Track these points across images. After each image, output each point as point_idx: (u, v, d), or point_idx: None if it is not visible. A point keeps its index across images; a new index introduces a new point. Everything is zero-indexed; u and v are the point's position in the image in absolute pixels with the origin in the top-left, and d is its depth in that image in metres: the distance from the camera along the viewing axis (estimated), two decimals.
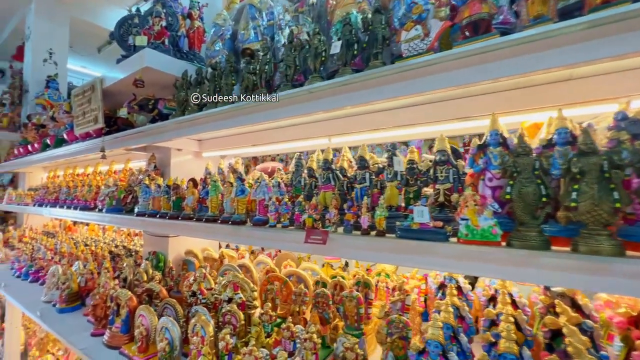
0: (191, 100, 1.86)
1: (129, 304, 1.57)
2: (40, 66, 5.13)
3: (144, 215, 2.09)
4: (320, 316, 1.42)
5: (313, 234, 1.22)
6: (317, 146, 2.00)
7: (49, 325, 1.82)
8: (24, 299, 2.32)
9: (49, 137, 3.54)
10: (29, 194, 3.93)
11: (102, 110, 2.31)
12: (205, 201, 1.79)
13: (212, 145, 2.54)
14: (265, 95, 1.50)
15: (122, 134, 2.24)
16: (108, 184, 2.69)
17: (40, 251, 2.93)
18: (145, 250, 2.62)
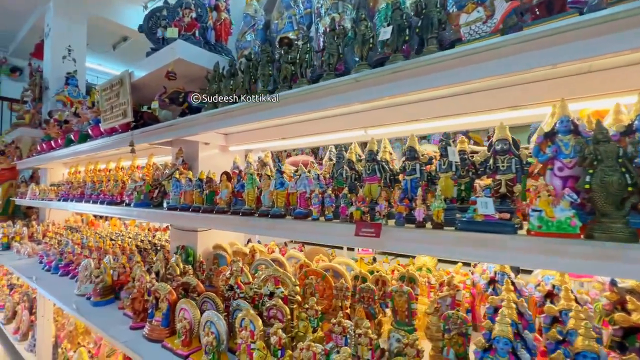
0: (224, 92, 1.83)
1: (169, 297, 1.56)
2: (60, 63, 5.18)
3: (175, 209, 2.08)
4: (366, 311, 1.39)
5: (364, 227, 1.18)
6: (350, 138, 1.96)
7: (86, 319, 1.82)
8: (57, 292, 2.34)
9: (72, 132, 3.57)
10: (52, 189, 3.98)
11: (130, 105, 2.30)
12: (241, 194, 1.76)
13: (239, 138, 2.51)
14: (307, 84, 1.47)
15: (152, 127, 2.23)
16: (134, 178, 2.70)
17: (68, 245, 2.96)
18: (172, 244, 2.62)
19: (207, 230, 2.46)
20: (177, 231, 2.55)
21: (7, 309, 3.67)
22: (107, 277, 2.05)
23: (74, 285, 2.53)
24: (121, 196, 2.79)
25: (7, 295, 4.05)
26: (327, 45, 1.42)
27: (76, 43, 5.36)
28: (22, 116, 5.06)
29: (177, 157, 2.44)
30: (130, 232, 3.84)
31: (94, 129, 3.17)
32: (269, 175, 1.64)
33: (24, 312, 3.33)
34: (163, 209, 2.29)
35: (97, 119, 3.21)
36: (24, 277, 2.77)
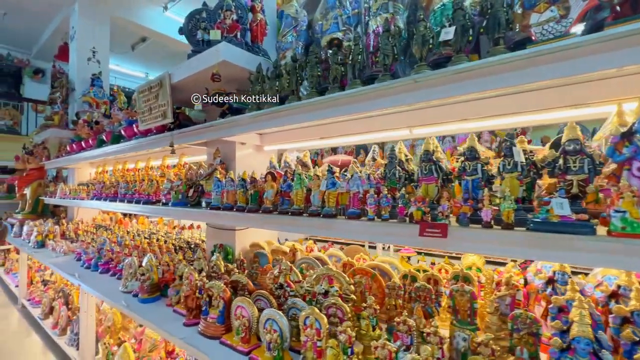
0: (269, 93, 1.86)
1: (224, 296, 1.60)
2: (85, 65, 5.29)
3: (218, 209, 2.12)
4: (424, 310, 1.40)
5: (429, 227, 1.19)
6: (392, 137, 1.97)
7: (139, 315, 1.88)
8: (102, 289, 2.41)
9: (104, 133, 3.65)
10: (83, 188, 4.09)
11: (171, 106, 2.34)
12: (288, 194, 1.79)
13: (274, 138, 2.54)
14: (361, 85, 1.48)
15: (193, 128, 2.27)
16: (169, 178, 2.75)
17: (105, 244, 3.04)
18: (209, 242, 2.67)
19: (245, 229, 2.50)
20: (214, 230, 2.60)
21: (44, 305, 3.80)
22: (154, 274, 2.11)
23: (115, 282, 2.61)
24: (157, 195, 2.85)
25: (42, 291, 4.19)
26: (381, 46, 1.43)
27: (100, 45, 5.46)
28: (51, 117, 5.20)
29: (215, 157, 2.48)
30: (160, 230, 3.92)
31: (127, 130, 3.24)
32: (318, 175, 1.66)
33: (61, 307, 3.44)
34: (202, 208, 2.33)
35: (130, 120, 3.28)
36: (65, 275, 2.86)
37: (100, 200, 3.56)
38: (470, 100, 1.53)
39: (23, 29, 7.21)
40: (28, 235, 4.52)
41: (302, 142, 2.47)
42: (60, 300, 3.61)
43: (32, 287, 4.41)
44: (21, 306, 4.41)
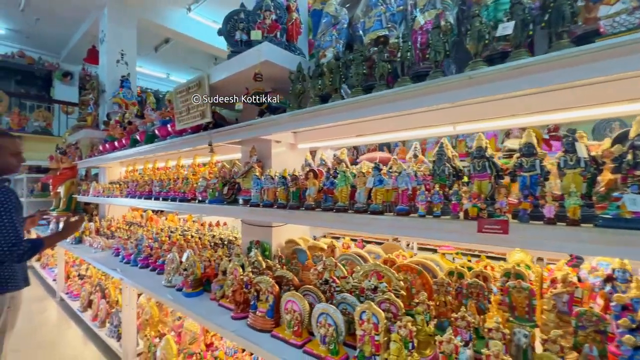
0: (312, 92, 1.88)
1: (273, 290, 1.64)
2: (114, 67, 5.46)
3: (257, 206, 2.17)
4: (477, 307, 1.40)
5: (488, 224, 1.19)
6: (433, 134, 1.96)
7: (187, 309, 1.95)
8: (144, 283, 2.51)
9: (138, 133, 3.77)
10: (116, 186, 4.23)
11: (209, 106, 2.40)
12: (331, 191, 1.81)
13: (308, 137, 2.57)
14: (410, 82, 1.48)
15: (231, 127, 2.32)
16: (205, 176, 2.82)
17: (143, 240, 3.16)
18: (244, 239, 2.73)
19: (282, 225, 2.55)
20: (249, 227, 2.66)
21: (83, 298, 3.97)
22: (197, 270, 2.18)
23: (155, 276, 2.70)
24: (192, 193, 2.93)
25: (79, 285, 4.37)
26: (432, 42, 1.43)
27: (127, 47, 5.62)
28: (84, 118, 5.40)
29: (251, 155, 2.52)
30: (191, 227, 4.03)
31: (160, 130, 3.34)
32: (363, 172, 1.68)
33: (100, 301, 3.59)
34: (239, 205, 2.39)
35: (164, 120, 3.38)
36: (107, 270, 2.99)
37: (134, 198, 3.68)
38: (522, 95, 1.51)
39: (53, 34, 7.50)
40: None
41: (336, 139, 2.48)
42: (98, 294, 3.76)
43: (70, 281, 4.61)
44: (59, 299, 4.62)
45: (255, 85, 2.11)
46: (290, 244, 2.51)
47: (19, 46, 8.02)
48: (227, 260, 2.13)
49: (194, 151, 3.51)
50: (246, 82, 2.28)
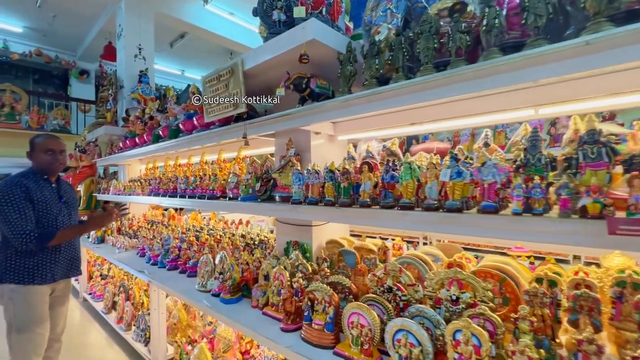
0: (367, 73, 1.65)
1: (332, 300, 1.43)
2: (132, 62, 5.33)
3: (299, 203, 1.96)
4: (592, 324, 1.16)
5: (625, 224, 0.95)
6: (508, 119, 1.71)
7: (228, 318, 1.76)
8: (175, 287, 2.34)
9: (161, 128, 3.61)
10: (137, 184, 4.10)
11: (243, 95, 2.20)
12: (392, 186, 1.59)
13: (349, 127, 2.34)
14: (500, 55, 1.24)
15: (269, 117, 2.11)
16: (235, 172, 2.64)
17: (170, 240, 3.00)
18: (279, 239, 2.53)
19: (323, 224, 2.34)
20: (286, 226, 2.45)
21: (107, 299, 3.86)
22: (235, 274, 1.99)
23: (185, 280, 2.53)
24: (221, 190, 2.75)
25: (102, 285, 4.27)
26: (530, 5, 1.18)
27: (145, 41, 5.48)
28: (103, 115, 5.29)
29: (288, 148, 2.31)
30: (216, 225, 3.86)
31: (185, 124, 3.16)
32: (434, 164, 1.45)
33: (125, 303, 3.46)
34: (275, 202, 2.19)
35: (188, 114, 3.20)
36: (135, 273, 2.84)
37: (158, 196, 3.53)
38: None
39: (70, 31, 7.45)
40: None
41: (380, 130, 2.25)
42: (122, 296, 3.64)
43: (92, 281, 4.51)
44: (82, 300, 4.54)
45: (298, 68, 1.90)
46: (333, 245, 2.30)
47: (36, 44, 8.00)
48: (269, 264, 1.93)
49: (219, 146, 3.33)
50: (288, 65, 2.07)
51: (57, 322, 2.27)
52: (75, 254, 2.30)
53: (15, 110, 6.54)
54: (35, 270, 2.03)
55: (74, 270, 2.31)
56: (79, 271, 2.36)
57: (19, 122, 6.60)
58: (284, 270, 1.74)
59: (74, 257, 2.29)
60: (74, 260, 2.30)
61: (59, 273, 2.17)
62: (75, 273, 2.33)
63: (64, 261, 2.19)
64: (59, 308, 2.27)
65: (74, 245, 2.29)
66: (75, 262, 2.31)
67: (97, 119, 5.45)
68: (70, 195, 2.37)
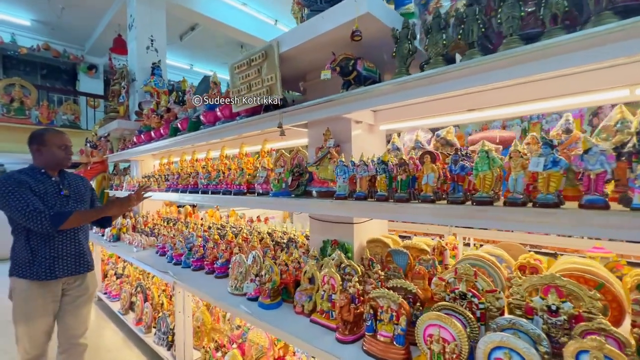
0: (432, 50, 1.45)
1: (403, 309, 1.25)
2: (144, 54, 5.16)
3: (344, 198, 1.77)
4: None
5: None
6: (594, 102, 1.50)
7: (273, 326, 1.58)
8: (204, 290, 2.17)
9: (179, 121, 3.44)
10: (153, 180, 3.93)
11: (279, 80, 2.01)
12: (462, 178, 1.39)
13: (390, 115, 2.14)
14: (614, 20, 1.04)
15: (309, 104, 1.92)
16: (264, 166, 2.46)
17: (192, 237, 2.83)
18: (315, 239, 2.35)
19: (366, 221, 2.15)
20: (322, 223, 2.27)
21: (124, 300, 3.71)
22: (275, 276, 1.81)
23: (214, 281, 2.37)
24: (248, 185, 2.58)
25: (117, 285, 4.13)
26: None
27: (157, 32, 5.31)
28: (115, 109, 5.13)
29: (326, 138, 2.12)
30: (237, 223, 3.69)
31: (207, 115, 2.98)
32: (519, 151, 1.25)
33: (144, 304, 3.31)
34: (313, 198, 2.01)
35: (210, 105, 3.02)
36: (157, 273, 2.68)
37: (177, 192, 3.36)
38: None
39: (78, 24, 7.29)
40: (101, 229, 4.48)
41: (424, 119, 2.05)
42: (140, 296, 3.49)
43: (107, 280, 4.38)
44: (97, 299, 4.40)
45: (338, 51, 1.70)
46: (375, 244, 2.12)
47: (44, 38, 7.85)
48: (313, 266, 1.74)
49: (240, 139, 3.15)
50: (327, 48, 1.88)
51: (75, 324, 2.17)
52: (80, 249, 2.18)
53: (25, 105, 6.40)
54: (33, 265, 1.97)
55: (83, 266, 2.18)
56: (88, 267, 2.23)
57: (28, 117, 6.47)
58: (335, 273, 1.56)
59: (80, 253, 2.17)
60: (81, 255, 2.17)
61: (62, 269, 2.06)
62: (85, 269, 2.20)
63: (67, 257, 2.08)
64: (77, 310, 2.16)
65: (78, 239, 2.17)
66: (83, 258, 2.19)
67: (108, 113, 5.29)
68: (76, 188, 2.23)
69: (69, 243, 2.11)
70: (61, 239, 2.07)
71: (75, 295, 2.16)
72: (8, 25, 7.27)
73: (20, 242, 2.00)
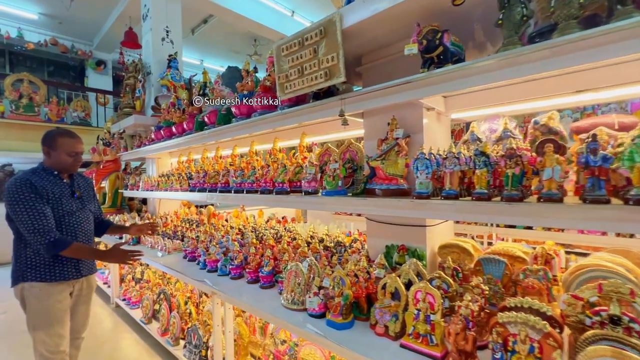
0: (561, 12, 1.17)
1: (554, 339, 0.96)
2: (159, 46, 4.89)
3: (426, 197, 1.50)
4: None
5: None
6: None
7: (356, 351, 1.30)
8: (254, 303, 1.90)
9: (205, 114, 3.17)
10: (174, 179, 3.67)
11: (342, 59, 1.72)
12: (604, 172, 1.11)
13: (464, 101, 1.86)
14: None
15: (380, 87, 1.63)
16: (312, 161, 2.19)
17: (228, 242, 2.56)
18: (373, 243, 2.08)
19: (437, 224, 1.88)
20: (381, 226, 2.00)
21: (146, 307, 3.45)
22: (348, 290, 1.53)
23: (260, 292, 2.10)
24: (291, 184, 2.31)
25: (137, 290, 3.87)
26: None
27: (172, 23, 5.03)
28: (130, 104, 4.86)
29: (392, 128, 1.84)
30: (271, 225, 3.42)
31: (239, 107, 2.71)
32: None
33: (171, 313, 3.05)
34: (376, 196, 1.74)
35: (243, 94, 2.75)
36: (194, 282, 2.40)
37: (203, 191, 3.10)
38: None
39: (87, 17, 7.02)
40: None
41: (507, 105, 1.77)
42: (165, 304, 3.23)
43: (125, 286, 4.12)
44: (115, 305, 4.15)
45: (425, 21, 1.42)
46: (448, 250, 1.84)
47: (51, 33, 7.57)
48: (393, 278, 1.47)
49: (274, 133, 2.87)
50: (399, 19, 1.60)
51: (80, 321, 2.21)
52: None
53: (34, 102, 6.13)
54: (54, 266, 1.96)
55: (94, 264, 2.25)
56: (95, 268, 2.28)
57: (38, 115, 6.20)
58: (433, 289, 1.27)
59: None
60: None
61: (85, 268, 2.11)
62: (93, 270, 2.24)
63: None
64: (82, 307, 2.20)
65: (90, 240, 2.23)
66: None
67: (122, 109, 5.02)
68: (85, 190, 2.26)
69: (86, 242, 2.16)
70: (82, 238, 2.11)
71: (83, 295, 2.18)
72: (15, 19, 7.01)
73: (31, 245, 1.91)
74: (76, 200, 2.12)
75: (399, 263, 1.87)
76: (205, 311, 2.93)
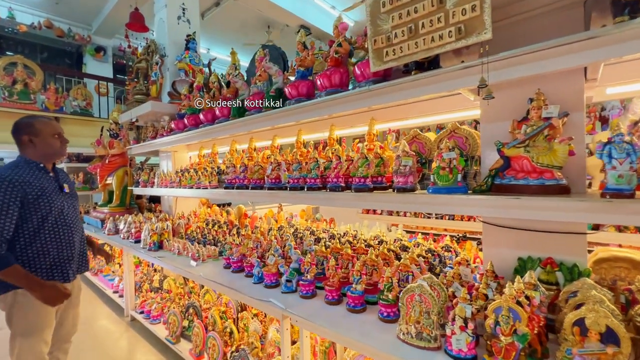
0: None
1: None
2: (175, 25, 4.36)
3: (629, 196, 1.06)
4: None
5: None
6: None
7: None
8: (344, 332, 1.45)
9: (243, 97, 2.68)
10: (202, 174, 3.18)
11: (489, 8, 1.27)
12: None
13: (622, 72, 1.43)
14: None
15: (547, 44, 1.18)
16: (405, 150, 1.76)
17: (290, 252, 2.09)
18: (492, 255, 1.64)
19: (591, 234, 1.44)
20: (508, 232, 1.56)
21: (173, 324, 2.96)
22: (522, 326, 1.08)
23: (350, 316, 1.64)
24: (374, 179, 1.87)
25: (157, 303, 3.37)
26: None
27: (189, 1, 4.49)
28: (143, 90, 4.32)
29: (539, 105, 1.40)
30: (313, 227, 2.96)
31: (297, 86, 2.24)
32: None
33: (208, 333, 2.57)
34: (512, 194, 1.31)
35: (303, 72, 2.28)
36: (253, 303, 1.92)
37: (244, 189, 2.62)
38: None
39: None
40: (132, 234, 3.71)
41: None
42: (196, 321, 2.75)
43: (142, 296, 3.62)
44: (130, 318, 3.64)
45: None
46: (612, 265, 1.41)
47: (46, 15, 6.87)
48: (602, 309, 1.03)
49: (330, 120, 2.41)
50: None
51: (70, 326, 2.09)
52: (84, 248, 2.15)
53: (29, 88, 5.49)
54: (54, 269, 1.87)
55: (84, 265, 2.13)
56: (87, 266, 2.18)
57: (34, 103, 5.56)
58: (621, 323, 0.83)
59: (84, 252, 2.14)
60: (84, 255, 2.14)
61: (72, 271, 1.99)
62: (85, 268, 2.15)
63: (77, 257, 2.02)
64: (72, 311, 2.09)
65: (83, 238, 2.14)
66: (85, 257, 2.15)
67: (133, 95, 4.46)
68: (71, 185, 2.12)
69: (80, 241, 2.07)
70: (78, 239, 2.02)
71: (74, 296, 2.06)
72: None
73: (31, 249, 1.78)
74: (66, 196, 1.98)
75: (546, 282, 1.44)
76: (252, 331, 2.47)
